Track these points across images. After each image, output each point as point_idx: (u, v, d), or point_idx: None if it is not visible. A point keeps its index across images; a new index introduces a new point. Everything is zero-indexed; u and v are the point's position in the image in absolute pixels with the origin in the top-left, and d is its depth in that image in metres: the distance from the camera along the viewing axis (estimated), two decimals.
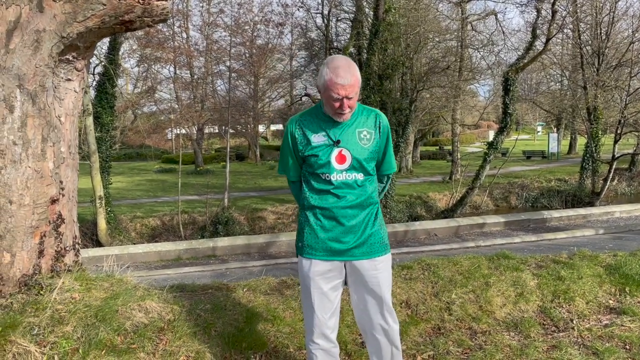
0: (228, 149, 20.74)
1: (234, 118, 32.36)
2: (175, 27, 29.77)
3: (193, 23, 34.51)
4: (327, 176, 2.71)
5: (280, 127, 53.80)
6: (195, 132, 33.44)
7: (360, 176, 2.72)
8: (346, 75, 2.55)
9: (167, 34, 27.08)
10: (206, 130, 41.15)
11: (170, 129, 35.91)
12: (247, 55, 29.08)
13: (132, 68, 32.18)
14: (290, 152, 2.85)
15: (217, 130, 42.86)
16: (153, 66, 29.16)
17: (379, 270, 2.77)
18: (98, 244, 15.13)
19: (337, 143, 2.69)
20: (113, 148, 19.07)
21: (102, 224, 15.43)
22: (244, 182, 28.10)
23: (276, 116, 45.20)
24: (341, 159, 2.69)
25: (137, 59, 27.42)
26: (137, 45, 24.77)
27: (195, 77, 32.46)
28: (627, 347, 3.77)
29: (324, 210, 2.74)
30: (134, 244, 14.66)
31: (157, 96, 31.56)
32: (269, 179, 29.25)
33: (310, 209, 2.78)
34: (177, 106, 30.13)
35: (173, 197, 21.86)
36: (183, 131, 30.78)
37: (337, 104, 2.61)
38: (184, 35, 32.88)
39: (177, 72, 31.67)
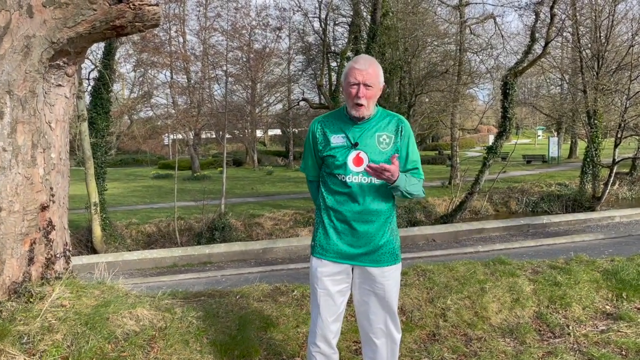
0: (225, 154, 20.68)
1: (231, 123, 32.32)
2: (171, 31, 29.77)
3: (190, 27, 34.41)
4: (343, 177, 2.72)
5: (278, 132, 53.78)
6: (191, 137, 33.39)
7: (377, 180, 2.70)
8: (365, 62, 2.65)
9: (163, 38, 27.05)
10: (203, 136, 41.10)
11: (166, 134, 35.84)
12: (245, 59, 29.04)
13: (128, 73, 32.13)
14: (311, 151, 2.89)
15: (214, 136, 42.82)
16: (149, 71, 29.11)
17: (386, 278, 2.75)
18: (93, 251, 15.06)
19: (355, 145, 2.70)
20: (108, 154, 19.00)
21: (97, 230, 15.36)
22: (241, 187, 28.03)
23: (274, 121, 45.23)
24: (358, 161, 2.70)
25: (133, 63, 27.37)
26: (133, 50, 24.69)
27: (192, 81, 32.41)
28: (624, 352, 3.74)
29: (338, 213, 2.75)
30: (129, 250, 14.57)
31: (153, 101, 31.52)
32: (267, 185, 29.18)
33: (325, 210, 2.80)
34: (173, 111, 30.08)
35: (169, 203, 21.77)
36: (179, 136, 30.75)
37: (353, 90, 2.64)
38: (181, 39, 32.87)
39: (174, 76, 31.64)
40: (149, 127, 35.01)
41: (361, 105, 2.66)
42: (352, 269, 2.81)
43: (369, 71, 2.63)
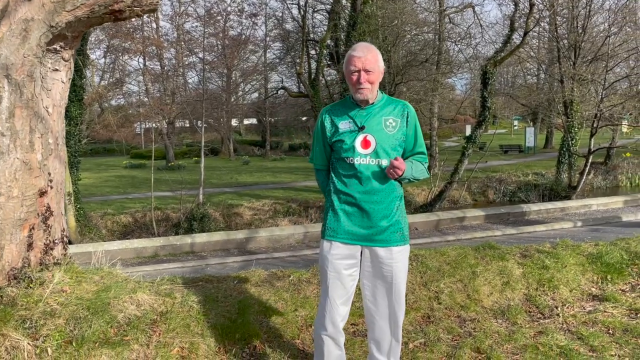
0: (203, 143, 20.40)
1: (207, 112, 32.00)
2: (144, 16, 29.21)
3: (163, 12, 33.77)
4: (351, 160, 2.79)
5: (254, 121, 53.44)
6: (165, 126, 32.89)
7: (384, 162, 2.78)
8: (363, 50, 2.75)
9: (135, 23, 26.50)
10: (177, 125, 40.56)
11: (139, 122, 35.24)
12: (220, 46, 28.69)
13: (98, 59, 31.37)
14: (319, 140, 2.97)
15: (188, 125, 42.28)
16: (121, 57, 28.56)
17: (395, 260, 2.82)
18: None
19: (361, 129, 2.79)
20: (82, 142, 18.62)
21: (71, 221, 15.06)
22: (218, 177, 27.78)
23: (250, 110, 44.88)
24: (366, 144, 2.78)
25: (104, 49, 26.77)
26: (104, 36, 24.11)
27: (166, 69, 31.94)
28: (611, 331, 3.89)
29: (347, 195, 2.82)
30: (105, 241, 14.36)
31: (125, 89, 30.95)
32: (244, 174, 29.00)
33: (335, 193, 2.87)
34: (146, 99, 29.61)
35: (144, 193, 21.45)
36: (153, 125, 30.25)
37: (354, 77, 2.75)
38: (154, 25, 32.33)
39: (147, 63, 31.12)
40: (121, 116, 34.38)
41: (364, 88, 2.75)
42: (362, 252, 2.86)
43: (367, 57, 2.73)
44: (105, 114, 33.56)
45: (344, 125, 2.84)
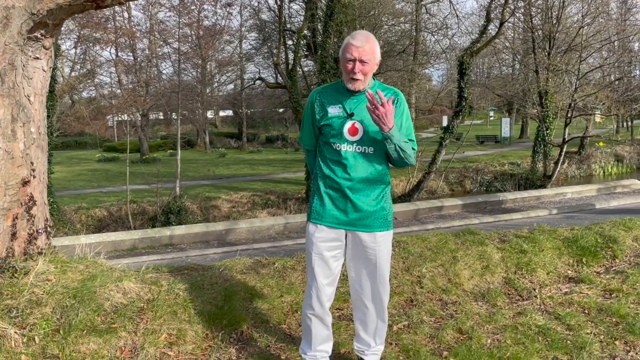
0: (179, 136, 20.21)
1: (182, 103, 31.59)
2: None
3: (135, 2, 33.11)
4: (338, 146, 2.82)
5: (230, 113, 53.00)
6: (139, 118, 32.39)
7: (371, 150, 2.81)
8: (362, 39, 2.74)
9: (107, 13, 25.95)
10: (151, 117, 39.98)
11: (112, 115, 34.61)
12: (194, 37, 28.28)
13: (68, 50, 30.60)
14: (308, 121, 2.99)
15: (162, 117, 41.66)
16: (92, 48, 27.98)
17: (378, 244, 2.88)
18: None
19: (350, 115, 2.81)
20: (54, 135, 18.29)
21: None
22: (194, 170, 27.57)
23: (226, 102, 44.48)
24: (354, 131, 2.80)
25: (75, 40, 26.18)
26: (75, 25, 23.56)
27: (139, 59, 31.42)
28: (587, 311, 4.03)
29: (333, 181, 2.85)
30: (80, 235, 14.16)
31: (97, 80, 30.36)
32: (220, 167, 28.81)
33: (321, 178, 2.90)
34: (119, 91, 29.11)
35: (119, 186, 21.14)
36: (126, 117, 29.70)
37: (349, 66, 2.75)
38: (126, 15, 31.76)
39: (119, 54, 30.56)
40: (93, 108, 33.73)
41: (357, 79, 2.77)
42: (346, 236, 2.91)
43: (365, 48, 2.73)
44: (77, 106, 32.89)
45: (333, 110, 2.85)
